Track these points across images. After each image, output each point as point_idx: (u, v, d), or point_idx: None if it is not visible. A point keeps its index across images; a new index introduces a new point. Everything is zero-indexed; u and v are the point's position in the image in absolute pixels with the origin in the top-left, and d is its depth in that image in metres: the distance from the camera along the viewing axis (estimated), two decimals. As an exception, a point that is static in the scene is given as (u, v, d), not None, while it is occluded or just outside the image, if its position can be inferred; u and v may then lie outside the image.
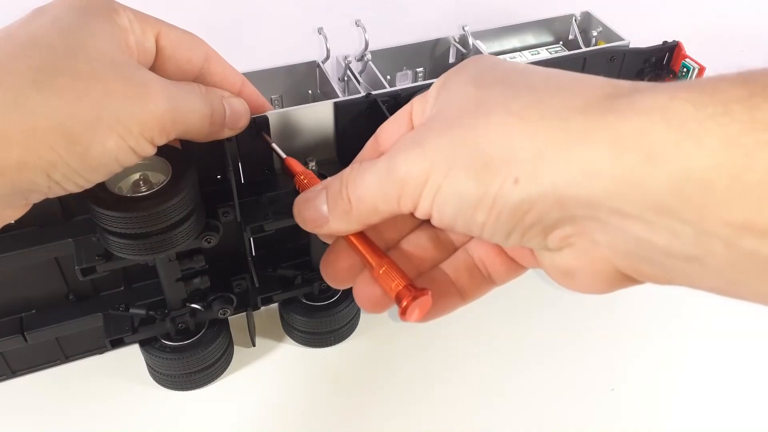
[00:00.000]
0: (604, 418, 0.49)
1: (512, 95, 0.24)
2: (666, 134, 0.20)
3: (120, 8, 0.32)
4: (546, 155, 0.22)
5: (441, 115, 0.27)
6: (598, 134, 0.21)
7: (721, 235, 0.19)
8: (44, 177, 0.28)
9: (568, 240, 0.24)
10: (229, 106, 0.36)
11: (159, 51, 0.34)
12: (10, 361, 0.49)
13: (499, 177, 0.23)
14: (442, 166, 0.25)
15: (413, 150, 0.26)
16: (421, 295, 0.27)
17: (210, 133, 0.35)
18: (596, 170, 0.21)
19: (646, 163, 0.20)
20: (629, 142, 0.21)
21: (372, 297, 0.29)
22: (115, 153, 0.29)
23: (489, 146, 0.24)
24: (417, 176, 0.25)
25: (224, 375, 0.52)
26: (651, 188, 0.20)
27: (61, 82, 0.27)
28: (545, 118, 0.23)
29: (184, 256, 0.44)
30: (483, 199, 0.24)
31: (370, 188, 0.27)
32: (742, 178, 0.18)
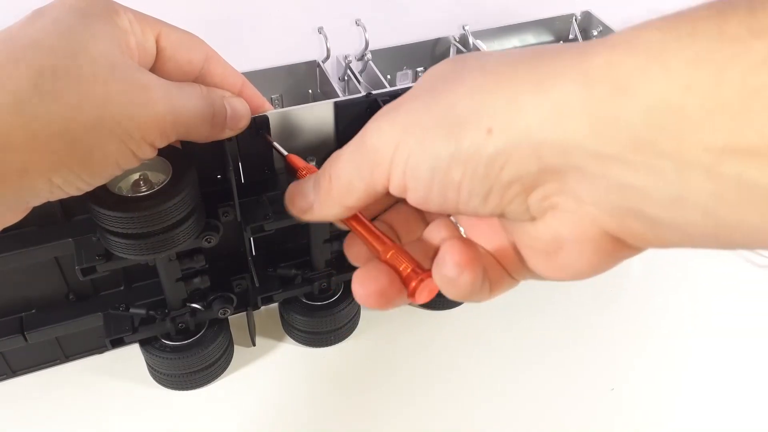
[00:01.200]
0: (604, 417, 0.49)
1: (485, 61, 0.24)
2: (634, 62, 0.19)
3: (120, 9, 0.32)
4: (517, 101, 0.21)
5: (416, 88, 0.26)
6: (568, 72, 0.21)
7: (701, 164, 0.18)
8: (46, 182, 0.28)
9: (551, 200, 0.23)
10: (231, 106, 0.36)
11: (159, 52, 0.34)
12: (11, 360, 0.49)
13: (471, 130, 0.22)
14: (413, 129, 0.24)
15: (384, 118, 0.25)
16: (428, 277, 0.27)
17: (211, 134, 0.35)
18: (568, 108, 0.20)
19: (616, 95, 0.19)
20: (598, 76, 0.20)
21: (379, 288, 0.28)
22: (116, 157, 0.29)
23: (461, 103, 0.23)
24: (386, 143, 0.25)
25: (224, 374, 0.52)
26: (625, 121, 0.19)
27: (62, 86, 0.27)
28: (518, 71, 0.22)
29: (184, 255, 0.44)
30: (456, 155, 0.23)
31: (345, 164, 0.27)
32: (715, 97, 0.17)
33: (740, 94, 0.17)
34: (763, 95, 0.16)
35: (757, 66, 0.17)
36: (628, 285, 0.59)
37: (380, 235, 0.29)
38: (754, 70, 0.17)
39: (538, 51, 0.23)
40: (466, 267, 0.26)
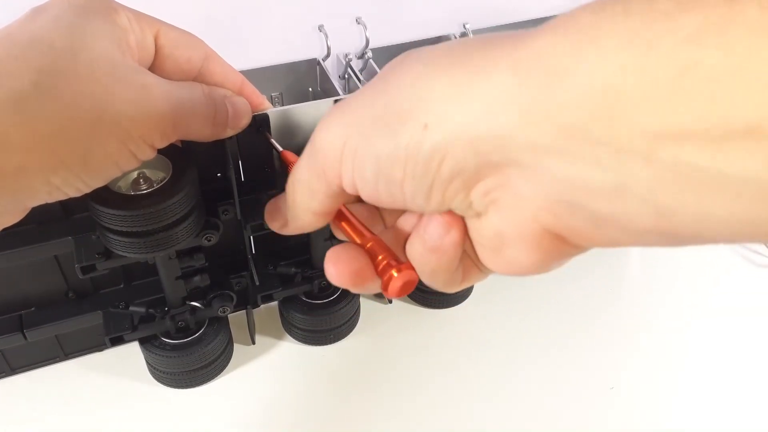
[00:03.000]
0: (604, 416, 0.49)
1: (428, 51, 0.24)
2: (567, 46, 0.18)
3: (119, 8, 0.32)
4: (451, 95, 0.21)
5: (368, 83, 0.26)
6: (500, 62, 0.20)
7: (638, 150, 0.17)
8: (44, 182, 0.28)
9: (491, 195, 0.22)
10: (232, 105, 0.36)
11: (158, 50, 0.34)
12: (10, 358, 0.49)
13: (408, 126, 0.22)
14: (357, 127, 0.24)
15: (331, 117, 0.25)
16: (403, 269, 0.26)
17: (213, 134, 0.35)
18: (500, 100, 0.20)
19: (548, 82, 0.18)
20: (530, 64, 0.19)
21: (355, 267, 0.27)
22: (115, 157, 0.29)
23: (399, 97, 0.23)
24: (333, 141, 0.25)
25: (224, 373, 0.52)
26: (558, 108, 0.18)
27: (62, 85, 0.27)
28: (454, 62, 0.22)
29: (184, 254, 0.44)
30: (396, 152, 0.22)
31: (302, 169, 0.27)
32: (648, 75, 0.16)
33: (672, 72, 0.16)
34: (693, 72, 0.16)
35: (686, 40, 0.16)
36: (626, 284, 0.59)
37: (360, 227, 0.29)
38: (683, 45, 0.16)
39: (477, 40, 0.22)
40: (454, 225, 0.25)
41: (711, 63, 0.15)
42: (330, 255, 0.28)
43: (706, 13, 0.16)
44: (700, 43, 0.16)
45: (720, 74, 0.15)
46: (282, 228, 0.31)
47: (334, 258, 0.27)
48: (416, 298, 0.57)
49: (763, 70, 0.15)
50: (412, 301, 0.57)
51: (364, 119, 0.24)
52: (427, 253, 0.26)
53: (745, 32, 0.15)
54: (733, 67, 0.15)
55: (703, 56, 0.16)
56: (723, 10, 0.15)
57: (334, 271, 0.27)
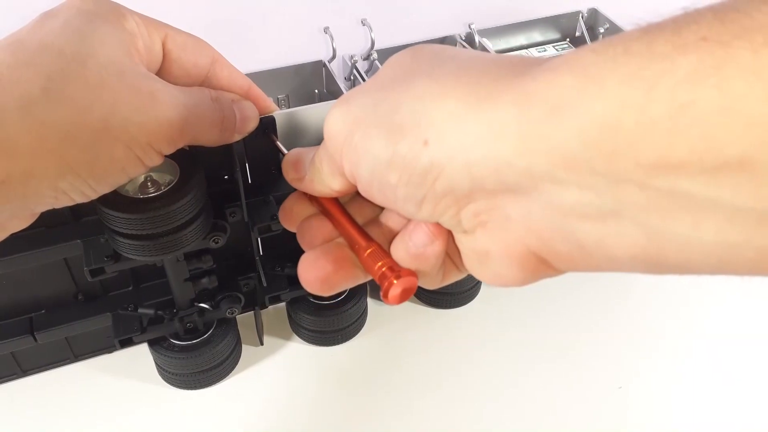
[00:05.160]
0: (612, 416, 0.49)
1: (438, 64, 0.25)
2: (570, 82, 0.19)
3: (127, 13, 0.32)
4: (454, 117, 0.22)
5: (375, 79, 0.27)
6: (506, 94, 0.21)
7: (634, 179, 0.18)
8: (51, 187, 0.28)
9: (481, 217, 0.24)
10: (239, 110, 0.36)
11: (166, 55, 0.34)
12: (21, 360, 0.50)
13: (409, 138, 0.23)
14: (360, 123, 0.25)
15: (339, 106, 0.26)
16: (405, 275, 0.27)
17: (221, 139, 0.35)
18: (502, 128, 0.21)
19: (551, 115, 0.19)
20: (534, 98, 0.20)
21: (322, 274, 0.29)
22: (123, 163, 0.29)
23: (404, 108, 0.23)
24: (339, 131, 0.26)
25: (232, 374, 0.52)
26: (558, 140, 0.19)
27: (71, 90, 0.27)
28: (460, 84, 0.23)
29: (192, 256, 0.44)
30: (394, 159, 0.23)
31: (322, 150, 0.29)
32: (647, 113, 0.17)
33: (670, 110, 0.17)
34: (690, 111, 0.17)
35: (683, 81, 0.17)
36: (635, 284, 0.59)
37: (362, 230, 0.30)
38: (680, 85, 0.17)
39: (485, 66, 0.23)
40: (438, 236, 0.26)
41: (706, 102, 0.16)
42: (303, 262, 0.30)
43: (701, 56, 0.17)
44: (696, 83, 0.17)
45: (714, 112, 0.16)
46: (296, 182, 0.32)
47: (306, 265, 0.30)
48: (423, 298, 0.57)
49: (754, 108, 0.16)
50: (419, 301, 0.57)
51: (367, 118, 0.25)
52: (409, 258, 0.27)
53: (738, 73, 0.16)
54: (726, 105, 0.16)
55: (698, 96, 0.17)
56: (718, 53, 0.16)
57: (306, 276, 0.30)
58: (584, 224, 0.21)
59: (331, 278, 0.29)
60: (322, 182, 0.30)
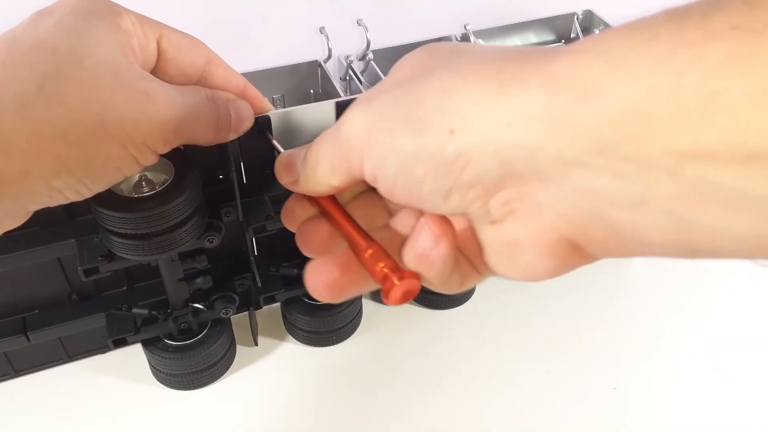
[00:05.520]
0: (607, 417, 0.49)
1: (458, 57, 0.24)
2: (597, 67, 0.19)
3: (123, 12, 0.32)
4: (480, 104, 0.22)
5: (392, 78, 0.27)
6: (532, 78, 0.21)
7: (663, 167, 0.18)
8: (46, 186, 0.28)
9: (511, 205, 0.23)
10: (235, 109, 0.36)
11: (160, 54, 0.34)
12: (14, 360, 0.50)
13: (434, 128, 0.23)
14: (384, 121, 0.24)
15: (359, 106, 0.26)
16: (404, 278, 0.27)
17: (216, 138, 0.35)
18: (531, 113, 0.20)
19: (580, 100, 0.19)
20: (562, 81, 0.20)
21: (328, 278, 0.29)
22: (118, 162, 0.29)
23: (427, 100, 0.23)
24: (360, 132, 0.25)
25: (227, 374, 0.52)
26: (587, 125, 0.19)
27: (66, 89, 0.27)
28: (483, 71, 0.22)
29: (186, 256, 0.44)
30: (420, 151, 0.23)
31: (327, 149, 0.28)
32: (677, 99, 0.17)
33: (700, 98, 0.17)
34: (720, 98, 0.17)
35: (713, 68, 0.17)
36: (630, 284, 0.59)
37: (363, 231, 0.29)
38: (711, 73, 0.17)
39: (507, 54, 0.23)
40: (443, 237, 0.26)
41: (737, 90, 0.16)
42: (310, 269, 0.29)
43: (731, 44, 0.17)
44: (726, 72, 0.17)
45: (745, 101, 0.16)
46: (291, 185, 0.31)
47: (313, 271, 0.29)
48: (418, 299, 0.57)
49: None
50: (415, 302, 0.57)
51: (387, 117, 0.24)
52: (416, 260, 0.27)
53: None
54: (758, 95, 0.16)
55: (729, 84, 0.16)
56: (749, 40, 0.16)
57: (313, 283, 0.29)
58: (616, 210, 0.20)
59: (338, 283, 0.29)
60: (318, 180, 0.29)
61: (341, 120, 0.26)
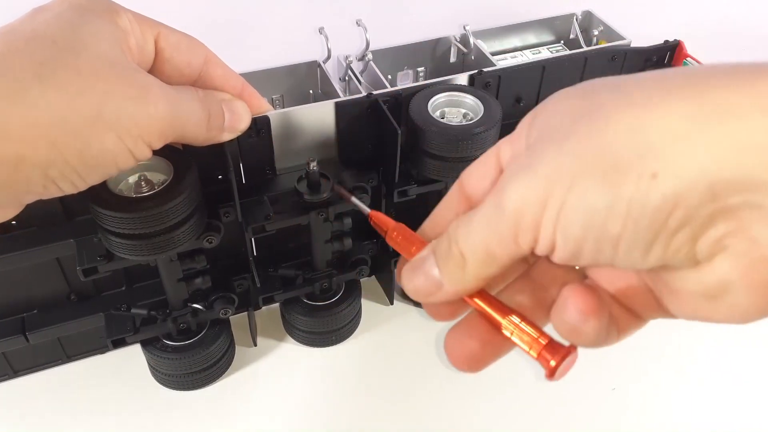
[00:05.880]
0: (606, 418, 0.49)
1: (631, 91, 0.21)
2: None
3: (121, 10, 0.32)
4: (687, 138, 0.19)
5: (547, 134, 0.23)
6: (745, 102, 0.19)
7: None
8: (41, 174, 0.28)
9: (722, 243, 0.20)
10: (229, 109, 0.36)
11: (158, 53, 0.34)
12: (12, 361, 0.50)
13: (632, 175, 0.20)
14: (562, 181, 0.21)
15: (523, 176, 0.22)
16: (570, 352, 0.25)
17: (208, 138, 0.35)
18: (751, 143, 0.18)
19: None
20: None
21: (467, 353, 0.27)
22: (113, 153, 0.29)
23: (615, 145, 0.20)
24: (533, 202, 0.22)
25: (226, 375, 0.52)
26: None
27: (63, 77, 0.27)
28: (678, 99, 0.20)
29: (185, 256, 0.44)
30: (616, 205, 0.20)
31: (480, 234, 0.24)
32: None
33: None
34: None
35: None
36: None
37: (499, 303, 0.26)
38: None
39: (695, 77, 0.20)
40: (590, 314, 0.24)
41: None
42: (448, 340, 0.27)
43: None
44: None
45: None
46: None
47: (451, 344, 0.27)
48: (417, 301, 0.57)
49: None
50: (413, 303, 0.57)
51: (569, 172, 0.21)
52: (567, 332, 0.25)
53: None
54: None
55: None
56: None
57: (452, 357, 0.27)
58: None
59: (478, 357, 0.27)
60: (469, 279, 0.25)
61: (499, 199, 0.23)
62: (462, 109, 0.47)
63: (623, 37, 0.56)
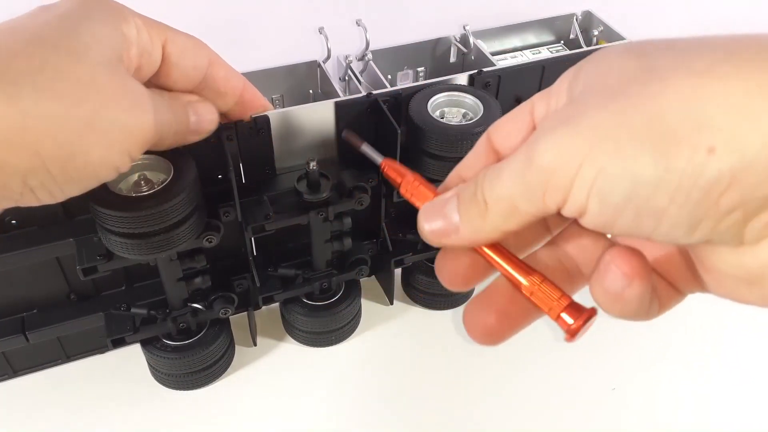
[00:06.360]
0: (605, 417, 0.49)
1: (691, 57, 0.20)
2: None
3: (129, 15, 0.32)
4: (751, 114, 0.18)
5: (593, 90, 0.22)
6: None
7: None
8: (20, 182, 0.27)
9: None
10: (195, 111, 0.36)
11: (165, 58, 0.34)
12: (12, 360, 0.50)
13: (686, 148, 0.18)
14: (605, 143, 0.20)
15: (561, 131, 0.21)
16: (592, 315, 0.24)
17: (175, 142, 0.35)
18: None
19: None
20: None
21: (483, 326, 0.26)
22: (96, 166, 0.29)
23: (669, 113, 0.19)
24: (568, 161, 0.21)
25: (225, 374, 0.52)
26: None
27: (60, 87, 0.27)
28: (743, 71, 0.19)
29: (185, 255, 0.44)
30: (666, 177, 0.19)
31: (508, 184, 0.23)
32: None
33: None
34: None
35: None
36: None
37: (521, 262, 0.25)
38: None
39: (758, 47, 0.19)
40: (635, 277, 0.23)
41: None
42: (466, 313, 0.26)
43: None
44: None
45: None
46: (443, 237, 0.25)
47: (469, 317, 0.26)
48: (418, 300, 0.57)
49: None
50: (414, 303, 0.57)
51: (611, 137, 0.20)
52: (608, 301, 0.24)
53: None
54: None
55: None
56: None
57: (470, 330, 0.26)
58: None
59: (495, 331, 0.26)
60: (488, 228, 0.24)
61: (531, 150, 0.22)
62: (462, 109, 0.47)
63: (623, 37, 0.56)
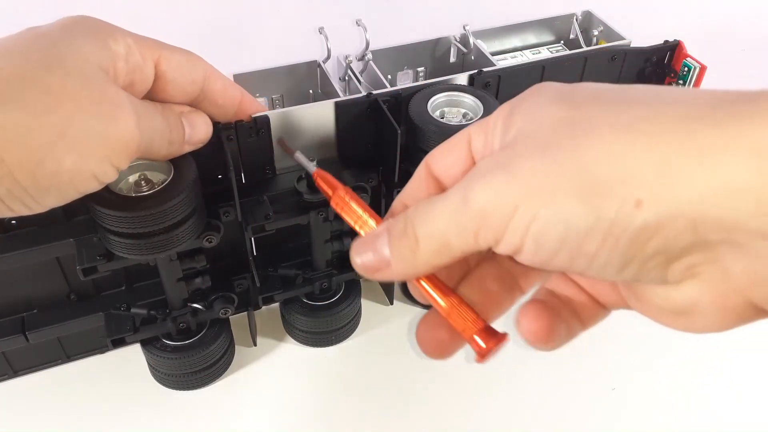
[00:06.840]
0: (605, 417, 0.49)
1: (615, 111, 0.21)
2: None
3: (119, 35, 0.32)
4: (674, 171, 0.19)
5: (527, 138, 0.23)
6: (737, 144, 0.19)
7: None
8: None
9: (694, 270, 0.21)
10: (189, 122, 0.36)
11: (160, 75, 0.34)
12: (12, 360, 0.50)
13: (615, 200, 0.20)
14: (539, 191, 0.21)
15: (497, 176, 0.22)
16: (502, 340, 0.26)
17: (169, 153, 0.35)
18: (740, 185, 0.18)
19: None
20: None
21: (436, 341, 0.27)
22: (71, 175, 0.29)
23: (599, 166, 0.20)
24: (503, 205, 0.22)
25: (225, 374, 0.52)
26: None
27: (30, 96, 0.27)
28: (665, 131, 0.20)
29: (185, 255, 0.44)
30: (596, 226, 0.20)
31: (440, 223, 0.24)
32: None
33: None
34: None
35: None
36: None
37: (444, 287, 0.27)
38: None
39: (686, 107, 0.20)
40: (542, 340, 0.27)
41: None
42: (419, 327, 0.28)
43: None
44: None
45: None
46: (375, 272, 0.26)
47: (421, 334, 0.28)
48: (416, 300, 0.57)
49: None
50: (413, 303, 0.57)
51: (548, 184, 0.21)
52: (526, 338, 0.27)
53: None
54: None
55: None
56: None
57: (422, 343, 0.28)
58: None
59: (446, 346, 0.28)
60: (418, 263, 0.25)
61: (467, 192, 0.23)
62: (462, 109, 0.47)
63: (623, 37, 0.56)
